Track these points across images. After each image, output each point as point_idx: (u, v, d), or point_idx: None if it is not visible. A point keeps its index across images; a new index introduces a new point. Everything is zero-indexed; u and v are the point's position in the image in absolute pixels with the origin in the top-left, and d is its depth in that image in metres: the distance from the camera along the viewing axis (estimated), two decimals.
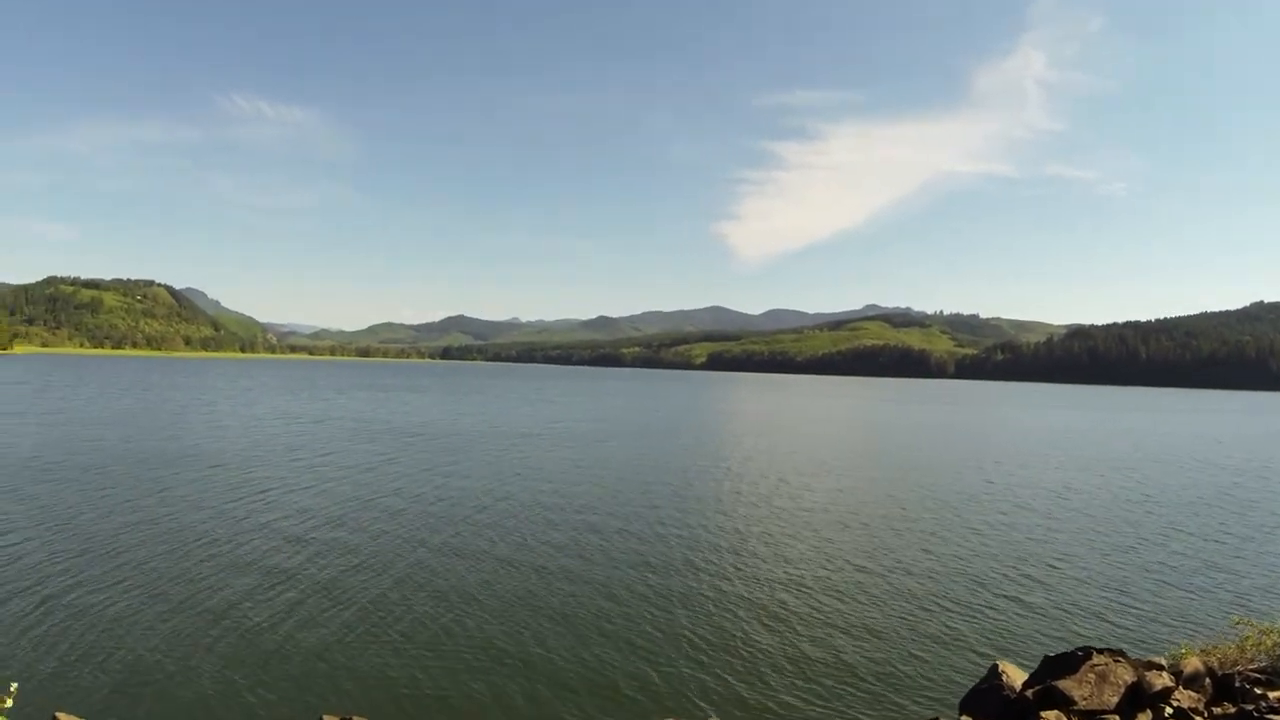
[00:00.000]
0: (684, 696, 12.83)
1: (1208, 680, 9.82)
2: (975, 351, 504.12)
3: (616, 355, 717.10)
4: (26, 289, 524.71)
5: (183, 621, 15.33)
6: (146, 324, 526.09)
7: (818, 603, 18.02)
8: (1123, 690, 8.82)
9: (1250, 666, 10.03)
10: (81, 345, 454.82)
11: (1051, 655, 9.76)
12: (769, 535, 25.21)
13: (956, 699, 11.12)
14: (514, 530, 24.67)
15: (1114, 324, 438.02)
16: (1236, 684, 9.55)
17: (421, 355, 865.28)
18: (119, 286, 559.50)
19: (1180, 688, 9.32)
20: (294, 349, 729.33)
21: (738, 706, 12.53)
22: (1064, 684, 8.86)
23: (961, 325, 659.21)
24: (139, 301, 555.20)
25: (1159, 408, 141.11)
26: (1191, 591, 19.96)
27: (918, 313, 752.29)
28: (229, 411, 69.82)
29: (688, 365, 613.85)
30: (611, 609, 17.15)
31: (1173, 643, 13.06)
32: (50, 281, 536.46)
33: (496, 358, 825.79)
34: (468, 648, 14.62)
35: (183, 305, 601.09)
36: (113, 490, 28.73)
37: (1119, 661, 9.18)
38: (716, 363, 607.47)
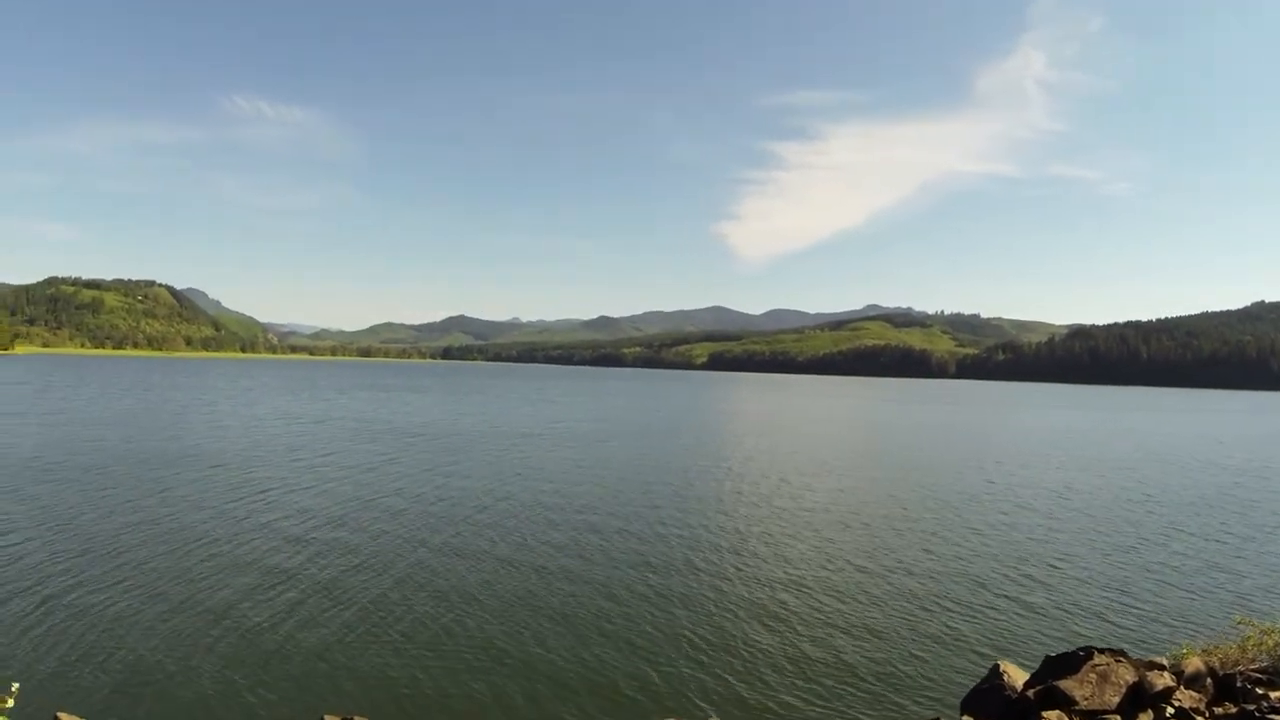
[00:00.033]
0: (684, 696, 12.82)
1: (1209, 680, 9.81)
2: (976, 351, 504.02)
3: (617, 355, 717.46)
4: (28, 289, 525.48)
5: (184, 621, 15.34)
6: (147, 324, 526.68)
7: (818, 603, 18.01)
8: (1124, 690, 8.82)
9: (1252, 666, 10.01)
10: (82, 345, 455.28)
11: (1053, 655, 9.75)
12: (770, 535, 25.20)
13: (958, 699, 11.11)
14: (515, 530, 24.66)
15: (1115, 324, 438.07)
16: (1238, 684, 9.54)
17: (422, 355, 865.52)
18: (120, 287, 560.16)
19: (1182, 688, 9.31)
20: (295, 349, 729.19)
21: (738, 707, 12.52)
22: (1065, 684, 8.86)
23: (963, 325, 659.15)
24: (140, 302, 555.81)
25: (1160, 408, 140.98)
26: (1193, 591, 19.93)
27: (919, 313, 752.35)
28: (230, 412, 69.85)
29: (689, 365, 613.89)
30: (612, 609, 17.15)
31: (1174, 643, 13.05)
32: (51, 282, 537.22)
33: (497, 358, 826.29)
34: (468, 648, 14.62)
35: (184, 305, 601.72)
36: (114, 490, 28.76)
37: (1120, 661, 9.17)
38: (718, 363, 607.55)
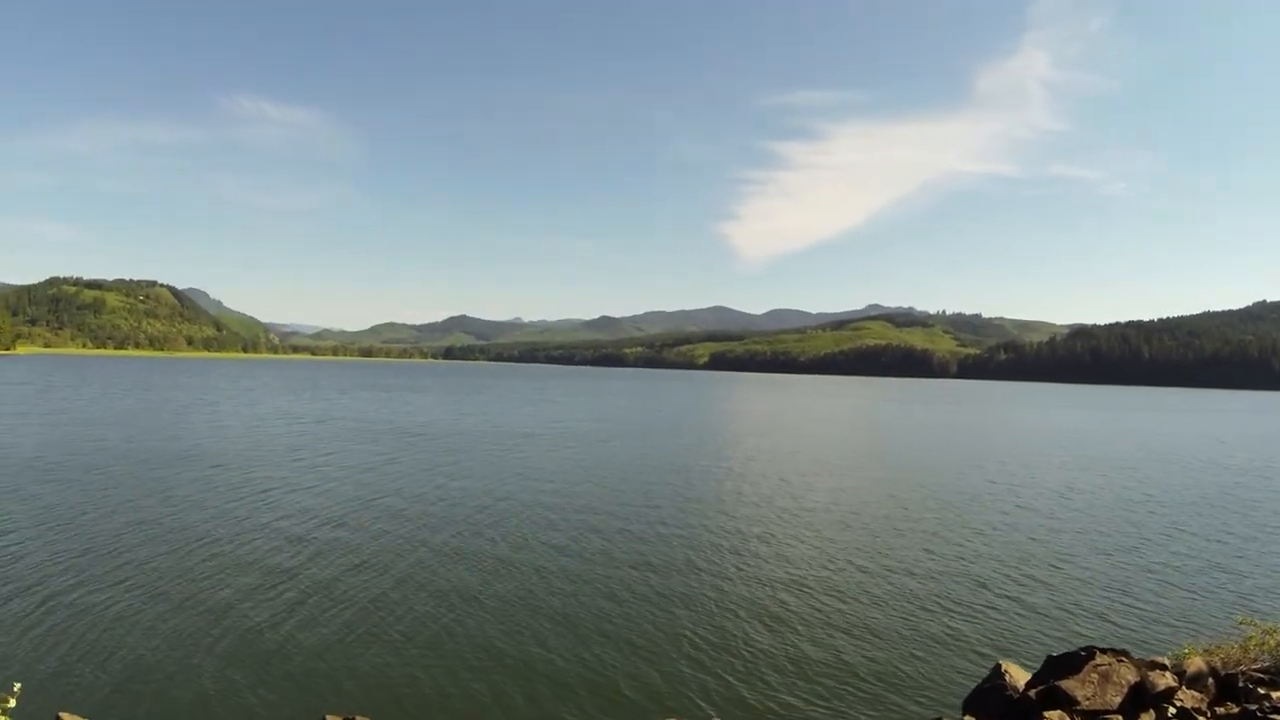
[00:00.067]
0: (685, 697, 12.81)
1: (1211, 680, 9.79)
2: (978, 351, 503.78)
3: (619, 355, 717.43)
4: (29, 289, 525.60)
5: (184, 621, 15.35)
6: (149, 324, 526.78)
7: (819, 603, 17.99)
8: (1126, 690, 8.80)
9: (1254, 666, 9.99)
10: (84, 346, 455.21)
11: (1055, 655, 9.74)
12: (771, 535, 25.18)
13: (959, 699, 11.09)
14: (515, 530, 24.66)
15: (1117, 323, 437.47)
16: (1240, 684, 9.53)
17: (424, 355, 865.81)
18: (121, 287, 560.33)
19: (1183, 688, 9.29)
20: (296, 349, 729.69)
21: (739, 707, 12.51)
22: (1067, 684, 8.84)
23: (964, 325, 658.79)
24: (141, 302, 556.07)
25: (1162, 407, 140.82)
26: (1194, 591, 19.90)
27: (920, 312, 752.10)
28: (231, 412, 69.91)
29: (690, 365, 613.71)
30: (612, 609, 17.14)
31: (1176, 643, 13.03)
32: (53, 282, 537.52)
33: (499, 358, 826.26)
34: (469, 648, 14.61)
35: (185, 306, 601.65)
36: (115, 490, 28.78)
37: (1122, 661, 9.15)
38: (719, 363, 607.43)
